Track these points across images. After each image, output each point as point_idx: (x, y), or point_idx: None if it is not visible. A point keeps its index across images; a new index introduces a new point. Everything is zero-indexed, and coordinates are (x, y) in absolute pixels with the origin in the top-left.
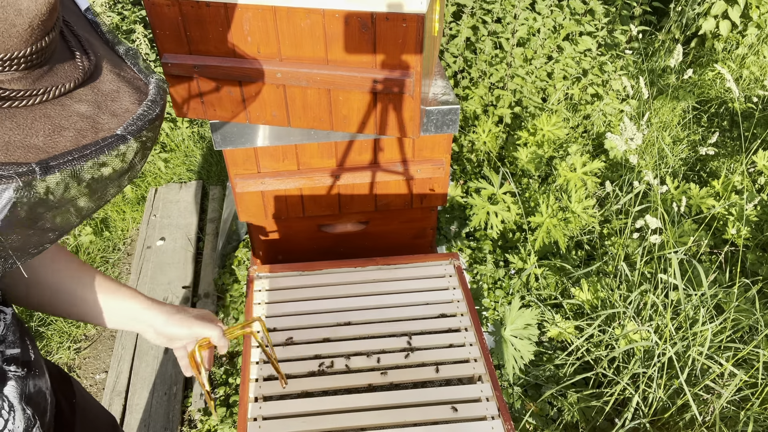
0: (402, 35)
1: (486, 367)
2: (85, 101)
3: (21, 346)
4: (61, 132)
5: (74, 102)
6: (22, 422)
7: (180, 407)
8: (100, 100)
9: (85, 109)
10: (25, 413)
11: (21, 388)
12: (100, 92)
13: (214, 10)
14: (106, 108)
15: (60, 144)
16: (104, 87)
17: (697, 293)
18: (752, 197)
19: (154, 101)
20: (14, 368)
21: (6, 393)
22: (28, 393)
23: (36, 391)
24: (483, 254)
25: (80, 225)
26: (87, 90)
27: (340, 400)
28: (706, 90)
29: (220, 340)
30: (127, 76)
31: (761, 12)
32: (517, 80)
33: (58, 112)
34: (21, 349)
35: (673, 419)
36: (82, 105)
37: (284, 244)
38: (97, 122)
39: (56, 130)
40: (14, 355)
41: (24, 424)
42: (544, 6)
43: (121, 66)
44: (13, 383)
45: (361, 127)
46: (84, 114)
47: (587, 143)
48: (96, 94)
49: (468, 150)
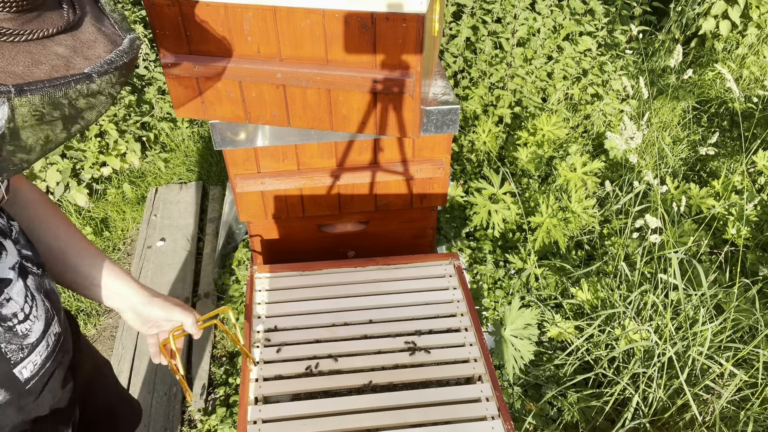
0: (402, 35)
1: (486, 367)
2: (63, 45)
3: (32, 250)
4: (38, 65)
5: (54, 44)
6: (43, 312)
7: (180, 407)
8: (77, 46)
9: (62, 51)
10: (45, 304)
11: (39, 283)
12: (79, 40)
13: (214, 10)
14: (81, 53)
15: (35, 74)
16: (83, 36)
17: (697, 293)
18: (752, 197)
19: (124, 51)
20: (30, 265)
21: (28, 283)
22: (45, 289)
23: (51, 290)
24: (483, 254)
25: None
26: (67, 37)
27: (340, 401)
28: (706, 90)
29: (192, 327)
30: (107, 31)
31: (761, 12)
32: (517, 80)
33: (39, 50)
34: (33, 252)
35: (673, 419)
36: (60, 47)
37: (284, 244)
38: (70, 62)
39: (34, 64)
40: (29, 256)
41: (45, 314)
42: (544, 6)
43: (104, 22)
44: (32, 277)
45: (361, 127)
46: (61, 54)
47: (587, 143)
48: (74, 41)
49: (468, 150)
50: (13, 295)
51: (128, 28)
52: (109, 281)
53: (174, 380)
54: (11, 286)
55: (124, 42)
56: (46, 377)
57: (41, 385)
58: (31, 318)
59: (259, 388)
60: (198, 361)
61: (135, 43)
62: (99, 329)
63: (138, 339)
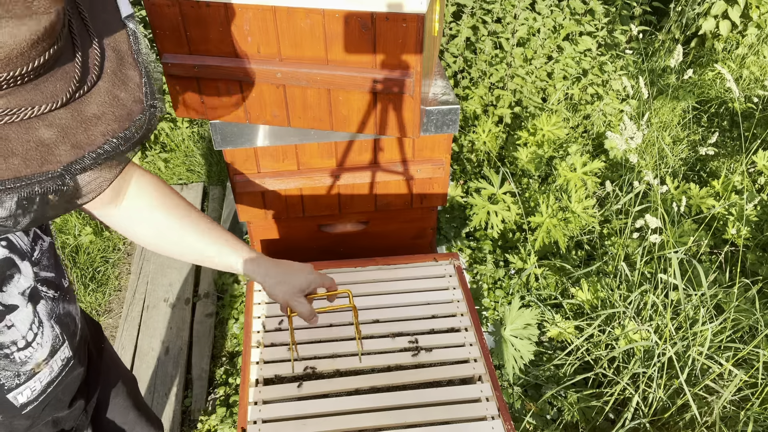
0: (402, 35)
1: (486, 367)
2: (54, 126)
3: (55, 271)
4: (8, 158)
5: (42, 125)
6: (49, 338)
7: (180, 407)
8: (70, 126)
9: (48, 136)
10: (53, 331)
11: (51, 308)
12: (78, 115)
13: (214, 10)
14: (72, 136)
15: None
16: (87, 109)
17: (697, 293)
18: (752, 197)
19: (127, 138)
20: (46, 289)
21: (38, 309)
22: (58, 313)
23: (65, 313)
24: (483, 254)
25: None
26: (65, 112)
27: (340, 401)
28: (706, 90)
29: (308, 319)
30: (123, 96)
31: (761, 12)
32: (517, 80)
33: (20, 135)
34: (55, 273)
35: (673, 419)
36: (47, 131)
37: (284, 244)
38: (50, 153)
39: (5, 156)
40: (48, 278)
41: (52, 341)
42: (544, 6)
43: (127, 74)
44: (44, 302)
45: (361, 127)
46: (43, 142)
47: (587, 143)
48: (72, 116)
49: (468, 150)
50: (16, 322)
51: (154, 93)
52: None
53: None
54: (16, 312)
55: (137, 116)
56: (47, 401)
57: (40, 409)
58: (34, 345)
59: (259, 393)
60: (198, 361)
61: (153, 119)
62: None
63: (138, 339)
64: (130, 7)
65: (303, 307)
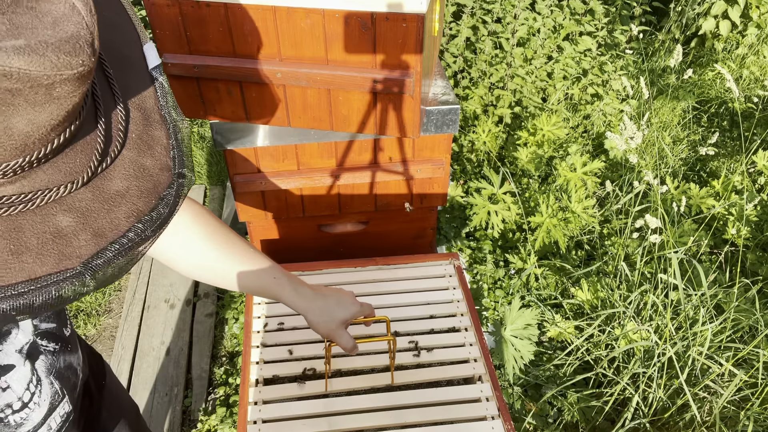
0: (402, 35)
1: (486, 367)
2: (73, 210)
3: (56, 321)
4: (20, 255)
5: (60, 210)
6: (48, 396)
7: (181, 407)
8: (91, 210)
9: (66, 224)
10: (53, 387)
11: (51, 363)
12: (100, 194)
13: (214, 10)
14: (93, 222)
15: (10, 274)
16: (110, 186)
17: (697, 293)
18: (752, 197)
19: (154, 220)
20: (46, 342)
21: (36, 366)
22: (58, 368)
23: (66, 366)
24: (483, 254)
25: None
26: (85, 191)
27: (340, 401)
28: (706, 90)
29: (350, 351)
30: (148, 164)
31: (761, 12)
32: (517, 80)
33: (35, 225)
34: (56, 324)
35: (673, 419)
36: (66, 217)
37: (284, 244)
38: (68, 245)
39: (17, 252)
40: (49, 330)
41: (50, 398)
42: (544, 6)
43: (153, 140)
44: (44, 357)
45: (361, 127)
46: (61, 231)
47: (587, 143)
48: (92, 199)
49: (468, 150)
50: (11, 383)
51: (183, 160)
52: (269, 295)
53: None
54: (12, 372)
55: (163, 189)
56: None
57: None
58: (31, 405)
59: (259, 393)
60: (198, 361)
61: (181, 191)
62: (99, 329)
63: (138, 339)
64: (158, 57)
65: (345, 339)
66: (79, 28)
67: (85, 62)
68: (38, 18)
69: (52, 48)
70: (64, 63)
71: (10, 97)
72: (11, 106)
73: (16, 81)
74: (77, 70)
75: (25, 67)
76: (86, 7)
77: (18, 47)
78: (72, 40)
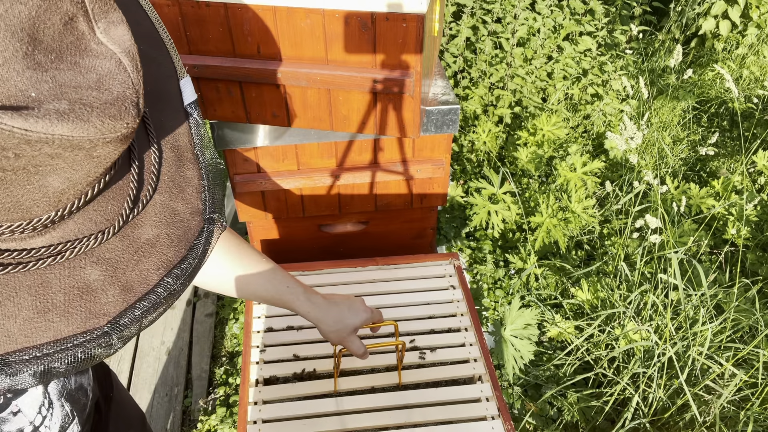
0: (402, 35)
1: (486, 367)
2: (102, 262)
3: None
4: (45, 314)
5: (89, 262)
6: (59, 418)
7: (181, 407)
8: (121, 261)
9: (95, 278)
10: (63, 409)
11: (62, 384)
12: (130, 244)
13: (214, 10)
14: (122, 274)
15: (36, 335)
16: (140, 234)
17: (697, 293)
18: (752, 197)
19: (183, 273)
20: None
21: (48, 390)
22: (69, 390)
23: (77, 387)
24: (483, 254)
25: None
26: (116, 241)
27: (340, 401)
28: (706, 90)
29: (362, 356)
30: (179, 209)
31: (761, 12)
32: (517, 80)
33: (62, 279)
34: None
35: (673, 419)
36: (95, 270)
37: (284, 244)
38: (95, 301)
39: (42, 311)
40: None
41: (61, 420)
42: (544, 6)
43: (185, 181)
44: (56, 380)
45: (361, 127)
46: (89, 286)
47: (587, 143)
48: (122, 249)
49: (468, 150)
50: (23, 407)
51: (214, 199)
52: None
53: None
54: (24, 396)
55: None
56: None
57: None
58: (41, 429)
59: (259, 393)
60: (198, 361)
61: (210, 239)
62: None
63: (138, 339)
64: (194, 93)
65: (356, 345)
66: (124, 87)
67: (129, 124)
68: (82, 75)
69: (97, 112)
70: (109, 127)
71: (49, 159)
72: (49, 166)
73: (57, 147)
74: (121, 133)
75: (68, 134)
76: (132, 63)
77: (61, 112)
78: (117, 102)
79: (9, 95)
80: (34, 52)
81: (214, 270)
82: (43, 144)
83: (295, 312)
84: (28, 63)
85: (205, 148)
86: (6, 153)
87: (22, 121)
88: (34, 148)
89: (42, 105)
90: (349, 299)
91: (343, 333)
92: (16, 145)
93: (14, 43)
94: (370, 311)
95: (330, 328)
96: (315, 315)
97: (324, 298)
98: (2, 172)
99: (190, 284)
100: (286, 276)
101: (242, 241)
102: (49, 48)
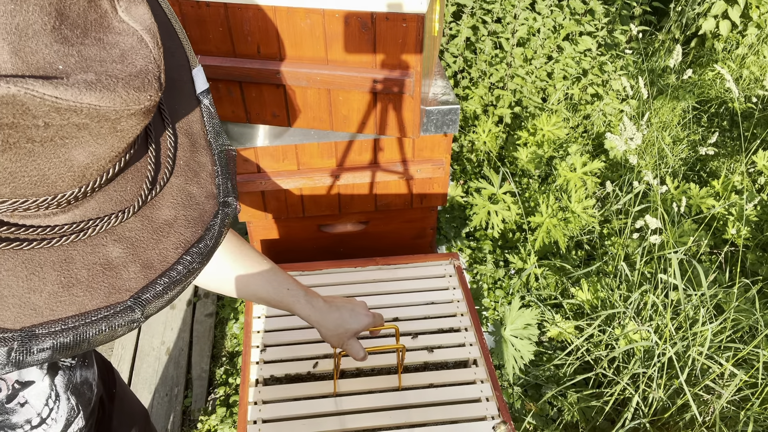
0: (402, 35)
1: (486, 367)
2: (123, 240)
3: None
4: (70, 288)
5: (110, 240)
6: (65, 411)
7: (181, 407)
8: (140, 240)
9: (116, 255)
10: (69, 403)
11: (68, 378)
12: (149, 224)
13: (214, 10)
14: (143, 253)
15: (61, 308)
16: (158, 215)
17: (697, 293)
18: (752, 197)
19: (201, 252)
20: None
21: (55, 382)
22: (75, 383)
23: (82, 381)
24: (483, 254)
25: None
26: (135, 221)
27: (340, 401)
28: (706, 90)
29: (361, 359)
30: (194, 192)
31: (761, 12)
32: (517, 80)
33: (85, 255)
34: None
35: (673, 419)
36: (116, 248)
37: (284, 244)
38: (117, 277)
39: (67, 286)
40: None
41: (67, 413)
42: (544, 6)
43: (199, 167)
44: (62, 372)
45: (361, 127)
46: (111, 263)
47: (587, 143)
48: (141, 228)
49: (468, 150)
50: (30, 399)
51: (228, 184)
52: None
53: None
54: (31, 387)
55: (209, 219)
56: None
57: None
58: (48, 421)
59: (258, 393)
60: (198, 361)
61: (225, 221)
62: None
63: (138, 339)
64: (206, 82)
65: (356, 350)
66: (147, 62)
67: (152, 97)
68: (106, 50)
69: (122, 83)
70: (133, 98)
71: (76, 131)
72: (75, 138)
73: (85, 116)
74: (144, 105)
75: (96, 103)
76: (153, 40)
77: (89, 82)
78: (141, 74)
79: (38, 66)
80: (61, 27)
81: (215, 269)
82: (72, 113)
83: (296, 315)
84: (56, 37)
85: (217, 135)
86: (36, 121)
87: (53, 89)
88: (63, 117)
89: (70, 76)
90: (351, 303)
91: (343, 337)
92: (46, 113)
93: (43, 17)
94: (371, 315)
95: (330, 332)
96: (316, 318)
97: (325, 302)
98: (31, 143)
99: (207, 263)
100: (288, 278)
101: (244, 242)
102: (75, 24)
